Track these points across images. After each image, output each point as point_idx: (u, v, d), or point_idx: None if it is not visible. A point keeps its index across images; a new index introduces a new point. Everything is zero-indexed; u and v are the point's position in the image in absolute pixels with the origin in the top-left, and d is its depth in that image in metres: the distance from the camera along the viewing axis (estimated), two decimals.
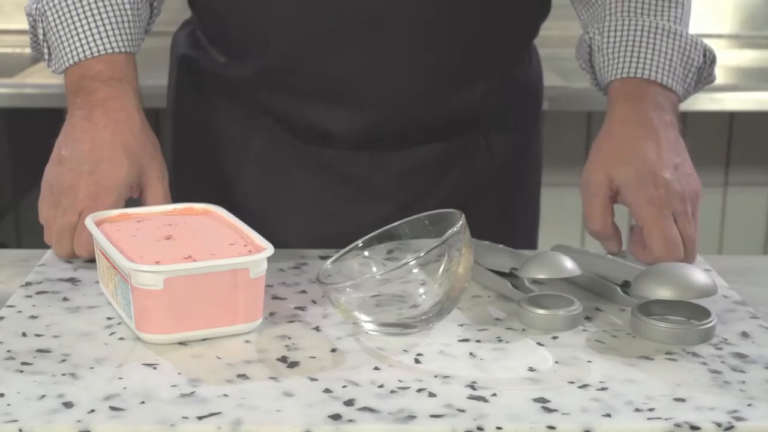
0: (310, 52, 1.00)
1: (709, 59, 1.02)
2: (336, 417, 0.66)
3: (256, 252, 0.78)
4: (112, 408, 0.67)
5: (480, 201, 1.09)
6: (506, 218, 1.13)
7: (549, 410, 0.67)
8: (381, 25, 0.99)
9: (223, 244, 0.80)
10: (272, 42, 1.01)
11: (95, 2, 0.96)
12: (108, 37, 0.95)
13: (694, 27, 1.03)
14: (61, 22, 0.96)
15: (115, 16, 0.96)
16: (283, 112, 1.06)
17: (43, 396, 0.68)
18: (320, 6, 0.98)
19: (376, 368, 0.73)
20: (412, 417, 0.66)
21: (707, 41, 1.03)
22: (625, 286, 0.85)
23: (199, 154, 1.12)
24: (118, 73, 0.95)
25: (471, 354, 0.76)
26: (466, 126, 1.07)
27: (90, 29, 0.95)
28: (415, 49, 1.00)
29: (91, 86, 0.95)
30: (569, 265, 0.82)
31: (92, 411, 0.66)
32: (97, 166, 0.91)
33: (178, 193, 1.04)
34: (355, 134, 1.03)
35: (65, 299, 0.85)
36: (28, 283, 0.88)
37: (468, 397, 0.69)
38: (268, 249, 0.78)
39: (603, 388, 0.71)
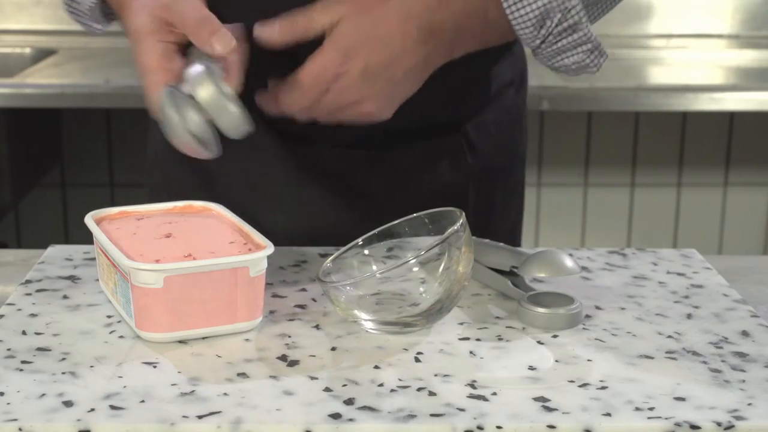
0: (297, 52, 1.00)
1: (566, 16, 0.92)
2: (336, 416, 0.66)
3: (256, 250, 0.78)
4: (112, 407, 0.67)
5: (463, 199, 1.09)
6: (487, 216, 1.13)
7: (549, 409, 0.67)
8: None
9: (223, 242, 0.80)
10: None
11: None
12: None
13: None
14: None
15: None
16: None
17: (43, 395, 0.68)
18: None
19: (376, 367, 0.73)
20: (412, 416, 0.66)
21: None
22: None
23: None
24: None
25: (471, 353, 0.76)
26: (449, 124, 1.07)
27: None
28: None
29: None
30: (569, 263, 0.82)
31: (92, 410, 0.66)
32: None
33: (168, 192, 1.04)
34: (340, 134, 1.03)
35: (65, 297, 0.85)
36: (27, 281, 0.88)
37: (468, 396, 0.69)
38: (269, 247, 0.78)
39: (603, 387, 0.71)
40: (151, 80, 0.85)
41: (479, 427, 0.65)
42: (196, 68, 0.83)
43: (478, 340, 0.78)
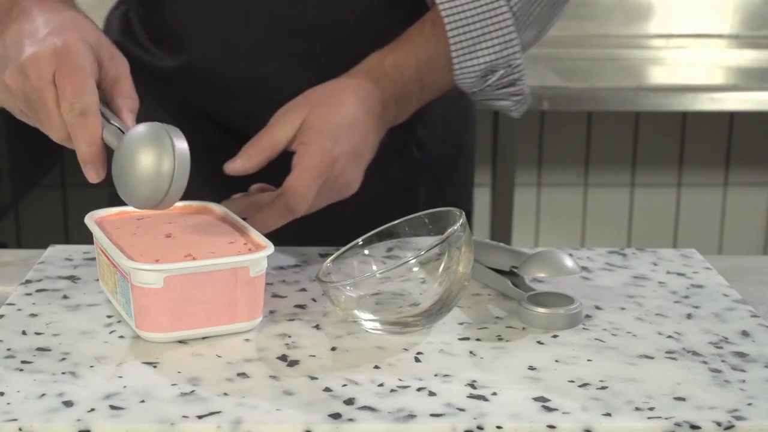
0: (236, 52, 1.00)
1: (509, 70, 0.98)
2: (336, 416, 0.66)
3: (256, 250, 0.78)
4: (112, 407, 0.67)
5: (412, 193, 1.09)
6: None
7: (549, 409, 0.67)
8: (307, 35, 0.99)
9: (223, 242, 0.80)
10: (199, 39, 1.01)
11: None
12: None
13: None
14: None
15: None
16: (210, 110, 1.04)
17: (43, 395, 0.68)
18: (246, 10, 0.98)
19: (376, 367, 0.73)
20: (412, 416, 0.66)
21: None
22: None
23: None
24: None
25: (471, 353, 0.76)
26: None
27: None
28: (340, 60, 1.00)
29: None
30: (569, 263, 0.82)
31: (92, 410, 0.66)
32: (50, 34, 0.82)
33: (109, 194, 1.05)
34: None
35: (65, 297, 0.85)
36: (27, 281, 0.88)
37: (468, 396, 0.69)
38: (269, 247, 0.78)
39: (603, 387, 0.71)
40: (89, 95, 0.80)
41: (479, 427, 0.65)
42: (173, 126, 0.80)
43: (478, 340, 0.78)
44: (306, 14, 0.99)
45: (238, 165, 0.89)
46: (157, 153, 0.76)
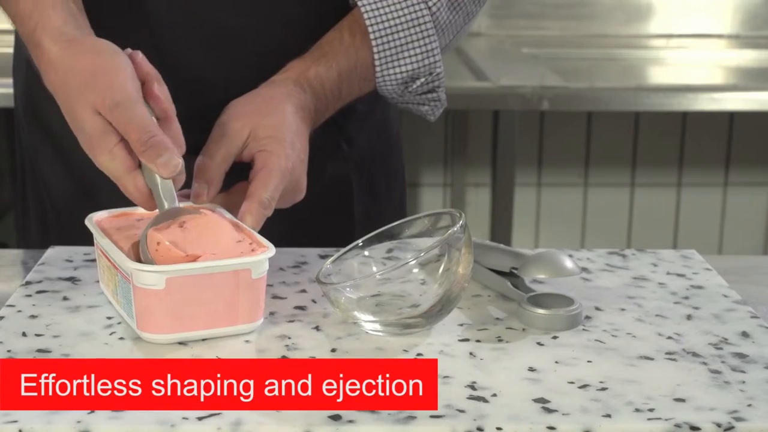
0: (170, 56, 1.00)
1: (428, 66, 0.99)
2: (336, 417, 0.66)
3: (257, 252, 0.78)
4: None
5: (347, 187, 1.10)
6: (372, 202, 1.13)
7: (549, 410, 0.67)
8: (234, 40, 0.99)
9: (225, 244, 0.80)
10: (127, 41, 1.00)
11: None
12: None
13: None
14: None
15: None
16: None
17: None
18: (172, 15, 0.98)
19: None
20: (412, 417, 0.66)
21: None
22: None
23: (54, 151, 1.08)
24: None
25: (471, 354, 0.76)
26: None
27: None
28: (264, 64, 1.00)
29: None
30: (569, 264, 0.82)
31: (92, 411, 0.66)
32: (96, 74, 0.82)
33: (34, 194, 1.06)
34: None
35: (65, 299, 0.85)
36: (27, 283, 0.88)
37: (468, 398, 0.69)
38: (270, 249, 0.78)
39: (603, 389, 0.71)
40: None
41: (479, 429, 0.65)
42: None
43: (478, 341, 0.78)
44: (230, 20, 0.99)
45: (204, 197, 0.88)
46: None
